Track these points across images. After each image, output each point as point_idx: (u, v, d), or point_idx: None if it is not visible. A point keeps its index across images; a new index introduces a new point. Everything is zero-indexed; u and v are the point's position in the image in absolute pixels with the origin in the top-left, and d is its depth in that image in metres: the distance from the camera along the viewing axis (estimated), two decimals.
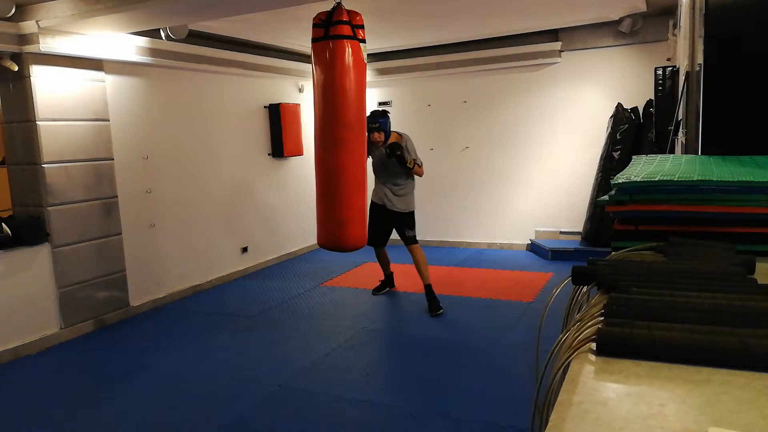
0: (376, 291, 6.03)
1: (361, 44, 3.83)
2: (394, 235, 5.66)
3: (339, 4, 3.71)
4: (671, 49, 5.94)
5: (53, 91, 4.87)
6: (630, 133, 6.64)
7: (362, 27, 3.82)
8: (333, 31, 3.69)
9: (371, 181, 5.24)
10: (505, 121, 7.75)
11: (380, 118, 5.30)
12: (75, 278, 5.07)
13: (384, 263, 5.95)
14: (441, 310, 5.31)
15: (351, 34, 3.73)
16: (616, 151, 6.68)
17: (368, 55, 8.18)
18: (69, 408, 3.78)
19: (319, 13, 3.73)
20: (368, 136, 5.12)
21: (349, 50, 3.75)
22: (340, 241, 4.15)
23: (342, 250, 4.36)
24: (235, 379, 4.10)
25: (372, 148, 5.29)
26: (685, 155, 2.53)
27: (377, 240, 5.62)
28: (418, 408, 3.56)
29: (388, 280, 6.07)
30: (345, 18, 3.70)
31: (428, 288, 5.42)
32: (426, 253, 7.81)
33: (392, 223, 5.57)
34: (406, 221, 5.53)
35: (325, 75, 3.77)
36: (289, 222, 7.83)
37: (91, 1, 4.15)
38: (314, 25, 3.74)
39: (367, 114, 5.19)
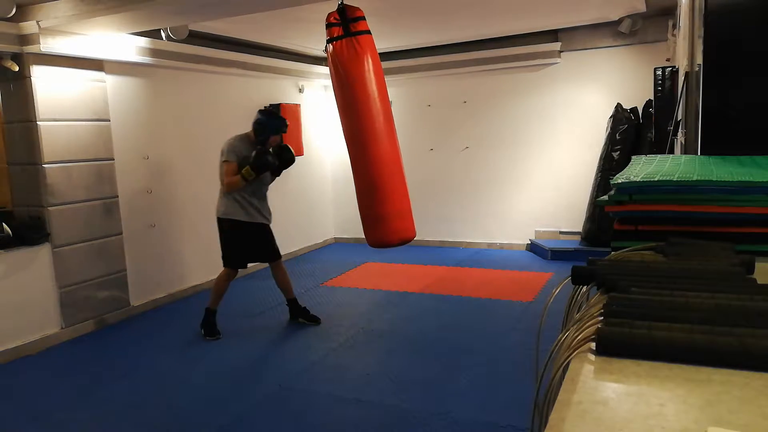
0: (212, 335, 4.93)
1: (372, 37, 3.84)
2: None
3: (343, 3, 3.71)
4: (671, 50, 5.95)
5: (54, 92, 4.87)
6: (629, 134, 6.64)
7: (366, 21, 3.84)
8: (353, 27, 3.68)
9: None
10: (505, 121, 7.75)
11: (285, 120, 4.86)
12: (75, 278, 5.08)
13: (223, 293, 5.01)
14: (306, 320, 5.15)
15: (367, 28, 3.75)
16: (616, 151, 6.69)
17: None
18: (69, 408, 3.78)
19: (331, 13, 3.72)
20: (268, 139, 4.74)
21: (371, 44, 3.76)
22: (403, 233, 4.02)
23: (402, 244, 4.13)
24: (235, 379, 4.11)
25: (245, 151, 4.67)
26: (684, 155, 2.53)
27: (240, 262, 5.00)
28: (418, 408, 3.56)
29: (213, 315, 5.02)
30: (358, 14, 3.71)
31: (296, 301, 5.20)
32: (426, 253, 7.91)
33: (259, 240, 4.96)
34: (271, 234, 5.04)
35: (356, 71, 3.71)
36: (290, 222, 7.82)
37: (92, 1, 4.15)
38: (329, 25, 3.73)
39: (263, 114, 4.82)
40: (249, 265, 7.00)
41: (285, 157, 4.87)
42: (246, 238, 4.88)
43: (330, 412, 3.59)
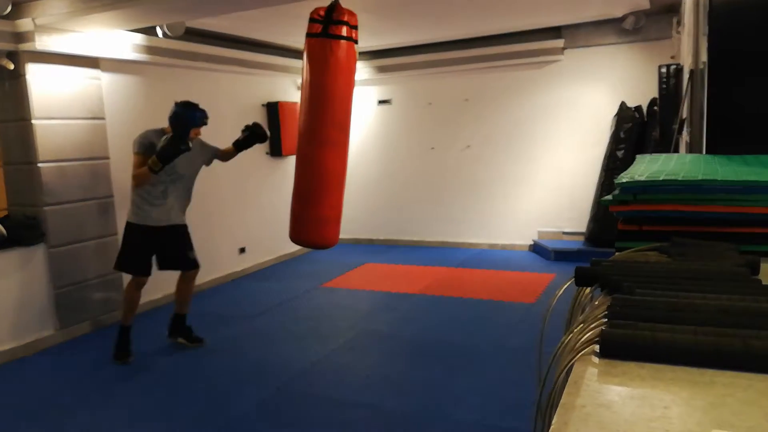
0: (124, 358, 4.49)
1: (355, 45, 3.81)
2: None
3: (337, 1, 3.69)
4: (675, 47, 5.94)
5: (49, 90, 4.85)
6: (634, 132, 6.63)
7: (357, 28, 3.81)
8: (332, 30, 3.66)
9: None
10: (507, 120, 7.74)
11: (204, 110, 4.43)
12: (71, 279, 5.05)
13: (135, 306, 4.58)
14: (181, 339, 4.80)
15: (349, 35, 3.71)
16: (620, 150, 6.66)
17: (369, 52, 8.16)
18: (66, 410, 3.76)
19: (317, 8, 3.70)
20: (188, 132, 4.29)
21: (347, 51, 3.73)
22: (320, 239, 4.09)
23: (317, 248, 4.26)
24: (234, 381, 4.09)
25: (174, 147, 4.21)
26: (689, 154, 2.51)
27: (146, 268, 4.52)
28: (418, 410, 3.54)
29: (129, 336, 4.58)
30: (344, 18, 3.68)
31: (184, 318, 4.85)
32: (427, 254, 7.90)
33: (166, 243, 4.57)
34: (188, 237, 4.69)
35: (321, 74, 3.73)
36: (288, 222, 7.80)
37: None
38: (311, 20, 3.71)
39: (180, 106, 4.36)
40: (248, 265, 7.00)
41: (258, 132, 4.66)
42: (141, 240, 4.44)
43: (329, 415, 3.57)
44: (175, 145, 4.16)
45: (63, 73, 4.95)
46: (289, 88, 7.86)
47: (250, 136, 4.68)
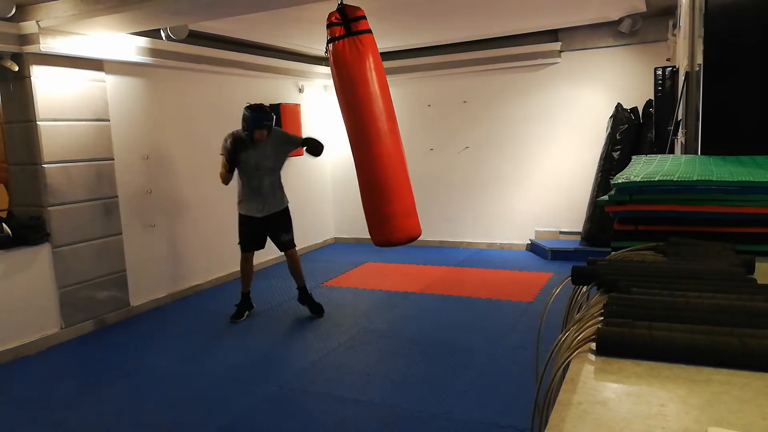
0: (236, 317, 5.33)
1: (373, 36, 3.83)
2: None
3: (342, 3, 3.71)
4: (671, 50, 5.96)
5: (54, 92, 4.87)
6: (630, 133, 6.64)
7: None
8: (355, 26, 3.67)
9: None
10: (505, 121, 7.75)
11: (269, 113, 5.03)
12: (75, 278, 5.07)
13: (249, 277, 5.41)
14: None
15: (368, 28, 3.74)
16: (616, 151, 6.69)
17: None
18: (69, 408, 3.78)
19: (332, 13, 3.72)
20: (253, 133, 4.92)
21: (372, 43, 3.75)
22: (404, 233, 4.00)
23: (404, 243, 4.13)
24: (235, 379, 4.10)
25: (241, 147, 4.91)
26: (684, 155, 2.52)
27: (254, 244, 5.30)
28: (418, 408, 3.56)
29: (247, 300, 5.46)
30: (361, 14, 3.70)
31: (304, 289, 5.44)
32: (426, 253, 7.91)
33: (268, 228, 5.24)
34: (284, 222, 5.25)
35: (358, 70, 3.70)
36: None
37: (92, 1, 4.15)
38: (330, 24, 3.71)
39: (248, 109, 4.95)
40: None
41: (312, 149, 5.08)
42: (246, 227, 5.22)
43: (330, 412, 3.59)
44: (231, 147, 4.87)
45: (67, 75, 4.97)
46: (290, 90, 7.87)
47: (308, 150, 5.14)
